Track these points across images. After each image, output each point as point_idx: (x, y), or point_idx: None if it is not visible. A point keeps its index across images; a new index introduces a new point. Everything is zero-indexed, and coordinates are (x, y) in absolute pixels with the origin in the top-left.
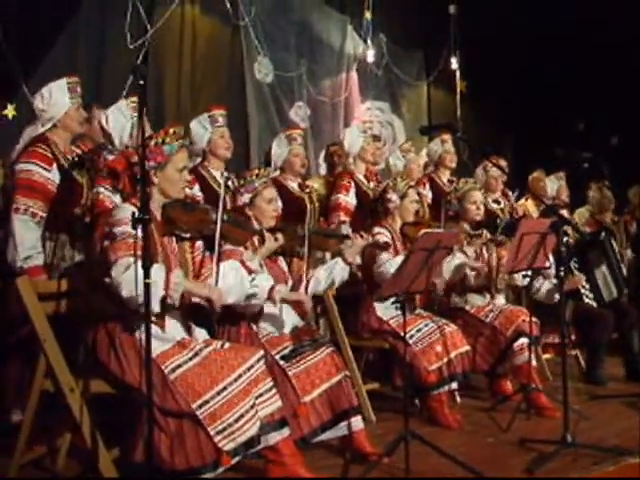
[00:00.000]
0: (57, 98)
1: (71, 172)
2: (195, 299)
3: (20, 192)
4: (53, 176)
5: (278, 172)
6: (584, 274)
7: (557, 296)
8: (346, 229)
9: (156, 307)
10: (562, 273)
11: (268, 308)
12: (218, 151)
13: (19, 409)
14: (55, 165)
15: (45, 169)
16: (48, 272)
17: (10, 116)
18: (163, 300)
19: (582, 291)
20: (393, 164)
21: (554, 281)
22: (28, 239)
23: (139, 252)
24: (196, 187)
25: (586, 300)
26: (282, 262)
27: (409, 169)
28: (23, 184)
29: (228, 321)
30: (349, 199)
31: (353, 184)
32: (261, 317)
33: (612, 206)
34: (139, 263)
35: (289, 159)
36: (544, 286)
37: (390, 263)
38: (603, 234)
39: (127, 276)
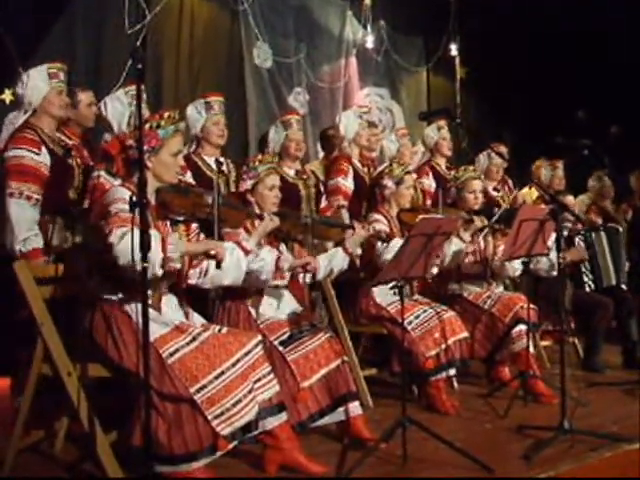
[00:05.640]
0: (36, 83)
1: (61, 155)
2: (191, 281)
3: (12, 177)
4: (44, 159)
5: (276, 158)
6: (589, 253)
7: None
8: (345, 215)
9: (157, 268)
10: (561, 261)
11: (268, 293)
12: (211, 138)
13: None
14: (44, 148)
15: (35, 153)
16: (48, 255)
17: (7, 101)
18: (163, 265)
19: (582, 270)
20: (387, 147)
21: (554, 254)
22: (25, 221)
23: (135, 225)
24: (188, 174)
25: (585, 279)
26: (283, 248)
27: (400, 153)
28: (14, 169)
29: (227, 305)
30: (347, 183)
31: (351, 168)
32: (260, 302)
33: (611, 194)
34: (134, 231)
35: (285, 144)
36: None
37: (390, 249)
38: (620, 228)
39: (123, 245)
